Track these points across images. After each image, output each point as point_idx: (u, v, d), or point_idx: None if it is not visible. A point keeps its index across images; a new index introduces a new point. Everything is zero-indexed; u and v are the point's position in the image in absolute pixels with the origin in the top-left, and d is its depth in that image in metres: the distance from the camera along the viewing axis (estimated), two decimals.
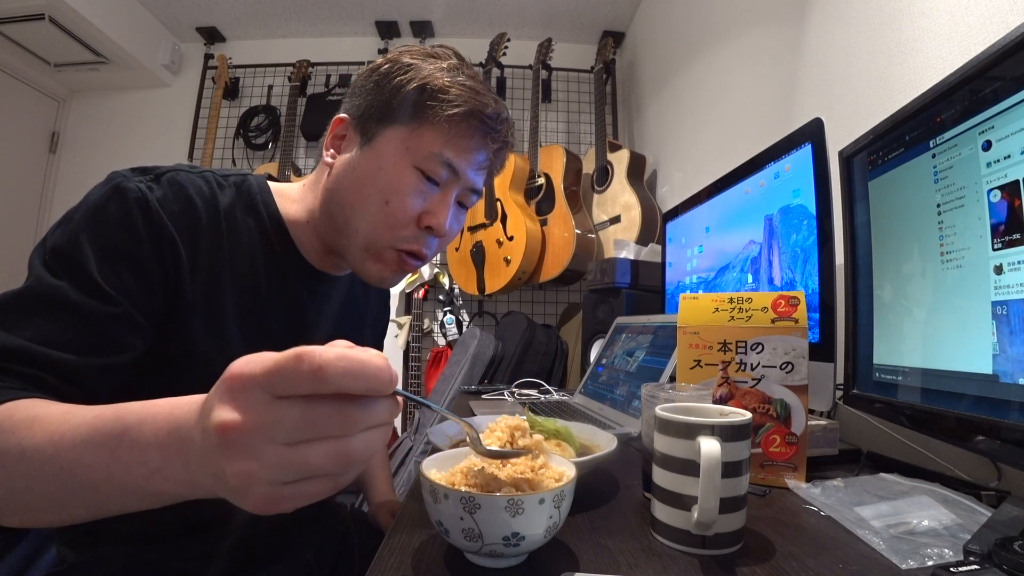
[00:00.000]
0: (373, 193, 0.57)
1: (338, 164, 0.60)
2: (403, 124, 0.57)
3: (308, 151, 2.64)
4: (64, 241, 0.48)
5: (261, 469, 0.25)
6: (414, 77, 0.56)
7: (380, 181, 0.57)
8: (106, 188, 0.51)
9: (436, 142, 0.56)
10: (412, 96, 0.56)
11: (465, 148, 0.58)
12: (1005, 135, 0.43)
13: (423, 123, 0.56)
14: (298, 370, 0.24)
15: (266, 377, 0.25)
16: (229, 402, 0.25)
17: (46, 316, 0.45)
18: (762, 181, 0.86)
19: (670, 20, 2.05)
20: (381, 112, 0.57)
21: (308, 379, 0.24)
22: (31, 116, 2.56)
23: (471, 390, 1.38)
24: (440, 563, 0.39)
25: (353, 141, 0.60)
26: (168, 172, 0.55)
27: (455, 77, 0.57)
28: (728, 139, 1.54)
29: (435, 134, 0.56)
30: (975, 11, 0.73)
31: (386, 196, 0.56)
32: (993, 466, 0.58)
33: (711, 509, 0.38)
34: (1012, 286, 0.43)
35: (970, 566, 0.35)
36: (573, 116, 2.66)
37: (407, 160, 0.57)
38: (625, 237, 1.83)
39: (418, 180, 0.57)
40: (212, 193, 0.57)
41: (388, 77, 0.57)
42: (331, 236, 0.62)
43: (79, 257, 0.47)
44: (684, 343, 0.61)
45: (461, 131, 0.57)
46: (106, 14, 2.21)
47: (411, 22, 2.60)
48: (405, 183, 0.56)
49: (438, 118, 0.56)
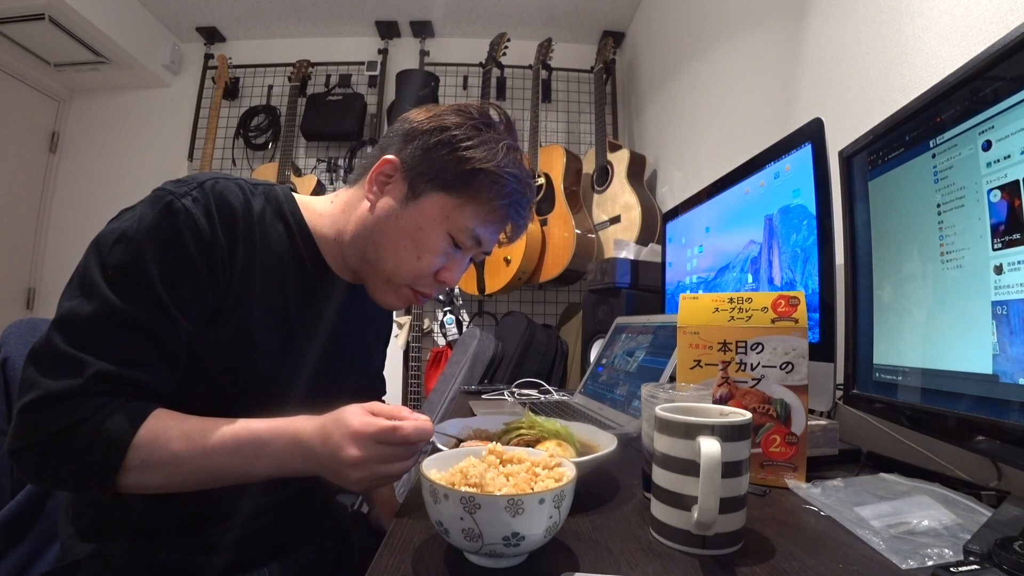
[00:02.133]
0: (408, 246, 0.63)
1: (381, 206, 0.64)
2: (450, 194, 0.62)
3: (308, 151, 2.64)
4: (128, 261, 0.51)
5: (368, 475, 0.50)
6: (474, 157, 0.61)
7: (417, 239, 0.63)
8: (158, 208, 0.53)
9: (474, 219, 0.63)
10: (467, 176, 0.61)
11: (496, 229, 0.66)
12: (1005, 135, 0.43)
13: (469, 201, 0.62)
14: (394, 435, 0.49)
15: (376, 434, 0.49)
16: (353, 445, 0.49)
17: (126, 338, 0.51)
18: (762, 181, 0.86)
19: (670, 20, 2.05)
20: (434, 176, 0.62)
21: (398, 440, 0.49)
22: (31, 116, 2.56)
23: (471, 390, 1.38)
24: (440, 563, 0.39)
25: (399, 189, 0.64)
26: (208, 180, 0.58)
27: (505, 167, 0.62)
28: (728, 139, 1.54)
29: (475, 213, 0.63)
30: (975, 11, 0.73)
31: (419, 252, 0.63)
32: (993, 466, 0.58)
33: (711, 509, 0.38)
34: (1012, 286, 0.43)
35: (970, 566, 0.35)
36: (573, 116, 2.66)
37: (444, 227, 0.63)
38: (625, 237, 1.83)
39: (448, 245, 0.64)
40: (247, 199, 0.60)
41: (451, 145, 0.61)
42: (356, 260, 0.66)
43: (145, 278, 0.51)
44: (684, 343, 0.61)
45: (498, 216, 0.64)
46: (106, 14, 2.21)
47: (411, 22, 2.60)
48: (438, 247, 0.63)
49: (482, 201, 0.62)
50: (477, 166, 0.61)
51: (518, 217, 0.66)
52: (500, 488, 0.38)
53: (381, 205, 0.64)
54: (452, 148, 0.61)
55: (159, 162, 2.61)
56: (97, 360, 0.49)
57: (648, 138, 2.28)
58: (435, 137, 0.62)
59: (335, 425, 0.50)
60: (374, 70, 2.62)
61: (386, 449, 0.49)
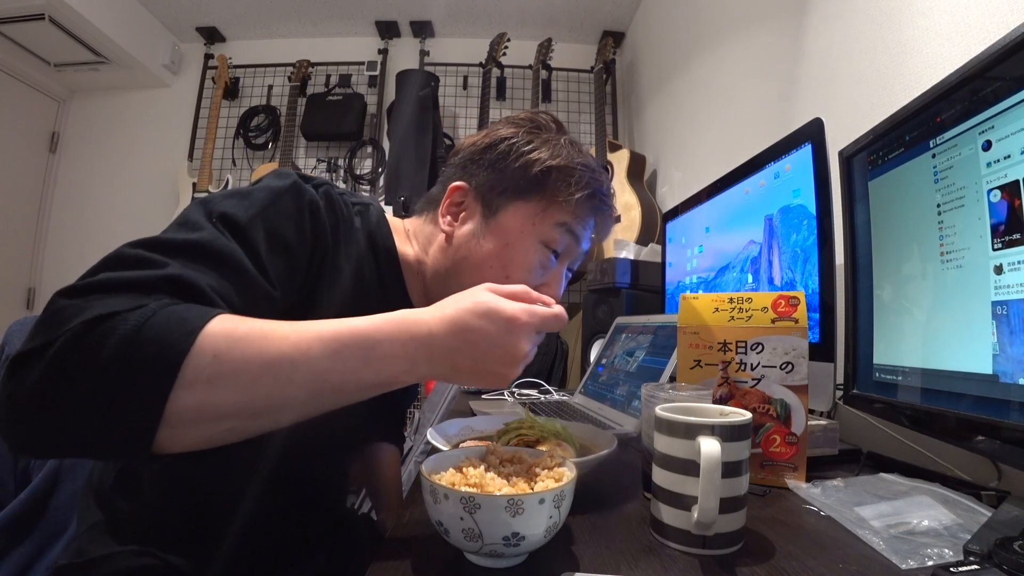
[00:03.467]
0: (496, 266, 0.60)
1: (460, 234, 0.62)
2: (529, 201, 0.60)
3: (308, 151, 2.64)
4: (240, 214, 0.47)
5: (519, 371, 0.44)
6: (538, 159, 0.60)
7: (505, 256, 0.60)
8: (285, 182, 0.52)
9: (561, 218, 0.60)
10: (539, 177, 0.60)
11: (586, 224, 0.63)
12: (1005, 135, 0.43)
13: (551, 203, 0.60)
14: (558, 321, 0.44)
15: (540, 324, 0.43)
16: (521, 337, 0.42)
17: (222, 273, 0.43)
18: (762, 181, 0.86)
19: (670, 20, 2.05)
20: (506, 188, 0.61)
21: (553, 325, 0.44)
22: (31, 116, 2.56)
23: (471, 390, 1.38)
24: (440, 563, 0.39)
25: (475, 211, 0.62)
26: (324, 186, 0.57)
27: (574, 158, 0.61)
28: (728, 139, 1.54)
29: (560, 212, 0.60)
30: (975, 11, 0.73)
31: (508, 271, 0.60)
32: (993, 466, 0.58)
33: (711, 509, 0.38)
34: (1012, 286, 0.43)
35: (970, 566, 0.35)
36: (573, 116, 2.66)
37: (534, 236, 0.60)
38: (625, 237, 1.83)
39: (542, 255, 0.61)
40: (350, 215, 0.59)
41: (510, 156, 0.61)
42: (437, 290, 0.62)
43: (253, 236, 0.47)
44: (684, 343, 0.61)
45: (584, 210, 0.62)
46: (106, 14, 2.21)
47: (411, 22, 2.61)
48: (531, 260, 0.60)
49: (565, 199, 0.60)
50: (547, 165, 0.60)
51: (603, 206, 0.64)
52: (500, 488, 0.38)
53: (460, 234, 0.62)
54: (516, 156, 0.60)
55: (159, 162, 2.61)
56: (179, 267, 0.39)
57: (648, 138, 2.28)
58: (495, 151, 0.62)
59: (477, 316, 0.41)
60: (374, 70, 2.62)
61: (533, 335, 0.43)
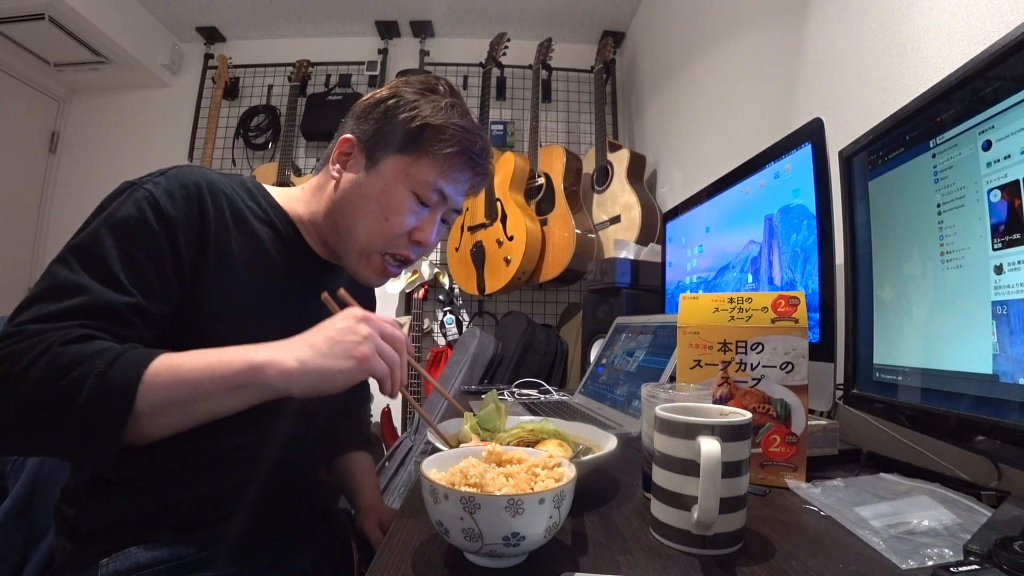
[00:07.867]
0: (375, 210, 0.66)
1: (345, 180, 0.69)
2: (405, 154, 0.66)
3: (308, 151, 2.64)
4: (84, 240, 0.53)
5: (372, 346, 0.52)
6: (417, 115, 0.65)
7: (382, 201, 0.66)
8: (117, 192, 0.57)
9: (432, 173, 0.66)
10: (415, 132, 0.65)
11: (455, 179, 0.68)
12: (1005, 135, 0.43)
13: (422, 156, 0.66)
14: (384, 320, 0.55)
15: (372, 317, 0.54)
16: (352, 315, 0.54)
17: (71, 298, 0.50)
18: (762, 181, 0.86)
19: (670, 20, 2.05)
20: (386, 141, 0.67)
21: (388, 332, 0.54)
22: (31, 116, 2.56)
23: (471, 390, 1.38)
24: (440, 563, 0.39)
25: (359, 162, 0.68)
26: (171, 169, 0.61)
27: (450, 118, 0.66)
28: (728, 139, 1.54)
29: (431, 166, 0.66)
30: (975, 11, 0.73)
31: (386, 214, 0.66)
32: (993, 466, 0.58)
33: (711, 509, 0.38)
34: (1012, 286, 0.43)
35: (970, 566, 0.35)
36: (573, 116, 2.65)
37: (406, 185, 0.66)
38: (625, 237, 1.83)
39: (413, 203, 0.67)
40: (212, 179, 0.63)
41: (394, 111, 0.66)
42: (331, 237, 0.70)
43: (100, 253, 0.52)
44: (684, 343, 0.61)
45: (453, 165, 0.67)
46: (106, 14, 2.21)
47: (411, 22, 2.60)
48: (403, 205, 0.66)
49: (435, 154, 0.65)
50: (424, 122, 0.65)
51: (475, 165, 0.69)
52: (500, 488, 0.38)
53: (345, 180, 0.68)
54: (398, 112, 0.66)
55: (159, 162, 2.54)
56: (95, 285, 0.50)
57: (648, 138, 2.28)
58: (381, 107, 0.67)
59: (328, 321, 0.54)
60: (374, 70, 2.61)
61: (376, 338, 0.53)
